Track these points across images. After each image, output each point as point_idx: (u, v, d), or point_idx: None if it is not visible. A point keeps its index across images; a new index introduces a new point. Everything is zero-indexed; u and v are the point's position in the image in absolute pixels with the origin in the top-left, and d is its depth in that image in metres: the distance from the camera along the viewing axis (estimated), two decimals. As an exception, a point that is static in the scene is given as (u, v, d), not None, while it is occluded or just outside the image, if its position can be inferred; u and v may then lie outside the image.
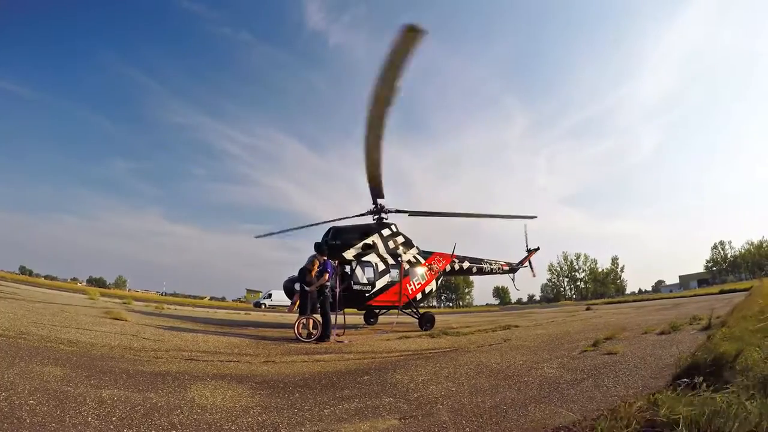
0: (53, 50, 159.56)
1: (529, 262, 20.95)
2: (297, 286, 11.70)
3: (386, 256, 14.76)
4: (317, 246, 13.96)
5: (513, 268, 20.13)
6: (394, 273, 14.59)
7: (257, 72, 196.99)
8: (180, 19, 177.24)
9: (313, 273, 10.17)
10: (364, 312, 17.01)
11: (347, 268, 13.61)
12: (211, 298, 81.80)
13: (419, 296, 15.59)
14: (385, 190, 14.68)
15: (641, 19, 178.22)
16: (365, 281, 13.84)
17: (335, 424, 3.41)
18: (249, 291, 75.19)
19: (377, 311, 16.83)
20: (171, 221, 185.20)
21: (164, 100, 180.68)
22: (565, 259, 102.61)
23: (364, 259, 14.07)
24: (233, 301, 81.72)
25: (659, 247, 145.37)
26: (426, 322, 14.81)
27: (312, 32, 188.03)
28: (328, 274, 10.06)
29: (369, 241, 14.55)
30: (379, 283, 14.20)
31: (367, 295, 13.95)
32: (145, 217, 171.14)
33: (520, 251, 21.36)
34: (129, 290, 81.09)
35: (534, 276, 21.39)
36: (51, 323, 8.31)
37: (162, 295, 78.50)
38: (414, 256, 15.86)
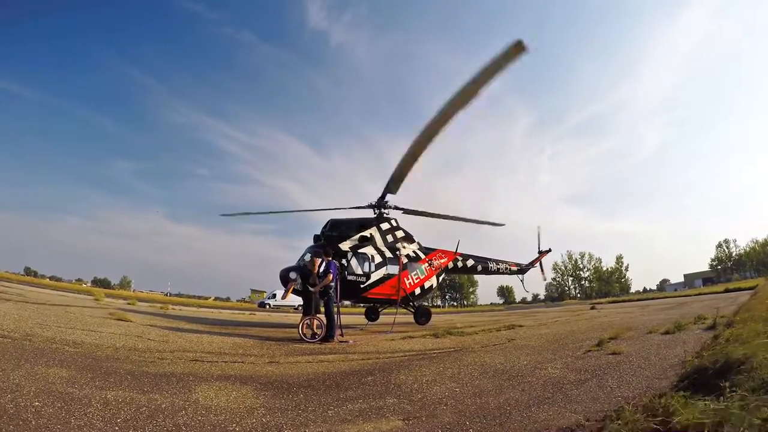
0: (54, 51, 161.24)
1: (540, 264, 20.92)
2: (292, 275, 11.76)
3: (383, 249, 14.73)
4: (316, 238, 14.00)
5: (522, 269, 20.05)
6: (392, 266, 14.58)
7: (259, 72, 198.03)
8: (181, 19, 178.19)
9: (315, 270, 10.18)
10: (364, 310, 17.00)
11: (342, 260, 13.59)
12: (216, 299, 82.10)
13: (418, 291, 15.54)
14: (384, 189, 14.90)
15: (643, 17, 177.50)
16: (360, 272, 13.80)
17: (339, 425, 3.41)
18: (253, 291, 75.23)
19: (377, 306, 16.80)
20: (174, 221, 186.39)
21: (166, 100, 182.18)
22: (570, 258, 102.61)
23: (360, 251, 14.05)
24: (238, 301, 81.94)
25: (664, 246, 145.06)
26: (421, 315, 14.81)
27: (313, 32, 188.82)
28: (332, 275, 10.06)
29: (366, 233, 14.55)
30: (375, 276, 14.18)
31: (361, 286, 13.91)
32: (149, 217, 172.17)
33: (529, 252, 21.34)
34: (134, 291, 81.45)
35: (545, 280, 21.50)
36: (56, 324, 8.37)
37: (167, 295, 78.81)
38: (414, 251, 15.81)
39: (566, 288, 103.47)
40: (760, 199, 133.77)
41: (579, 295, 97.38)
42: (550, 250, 21.37)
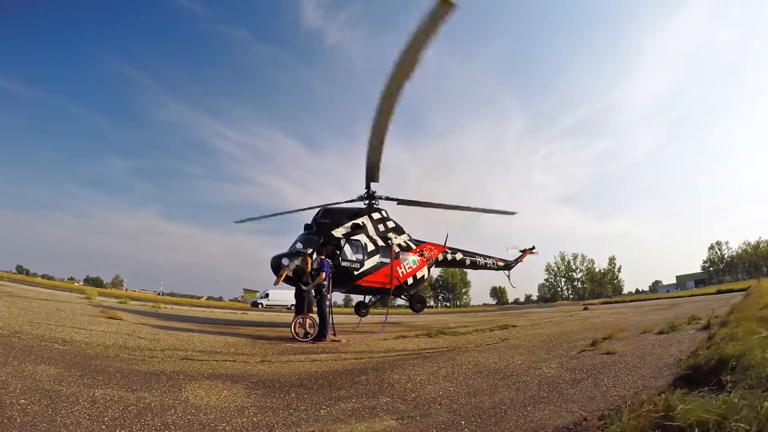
0: (49, 48, 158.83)
1: (522, 261, 21.32)
2: (284, 261, 11.67)
3: (376, 238, 14.74)
4: (307, 226, 13.91)
5: (508, 265, 20.41)
6: (384, 255, 14.58)
7: (254, 70, 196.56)
8: (177, 17, 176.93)
9: (308, 269, 10.12)
10: (354, 306, 16.96)
11: (335, 248, 13.54)
12: (209, 298, 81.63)
13: (410, 281, 15.55)
14: (379, 184, 14.93)
15: (639, 17, 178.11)
16: (354, 259, 13.73)
17: (331, 425, 3.36)
18: (246, 290, 74.88)
19: (367, 299, 16.77)
20: (169, 220, 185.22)
21: (161, 98, 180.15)
22: (563, 259, 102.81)
23: (353, 238, 14.01)
24: (230, 300, 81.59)
25: (656, 248, 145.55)
26: (417, 302, 14.83)
27: (308, 30, 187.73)
28: (324, 273, 10.00)
29: (359, 221, 14.50)
30: (369, 263, 14.11)
31: (355, 273, 13.80)
32: (143, 216, 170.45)
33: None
34: (126, 290, 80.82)
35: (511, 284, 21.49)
36: (46, 322, 8.25)
37: (159, 294, 78.21)
38: (405, 242, 15.86)
39: (559, 289, 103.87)
40: (753, 201, 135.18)
41: (571, 296, 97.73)
42: (534, 248, 21.80)
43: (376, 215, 15.44)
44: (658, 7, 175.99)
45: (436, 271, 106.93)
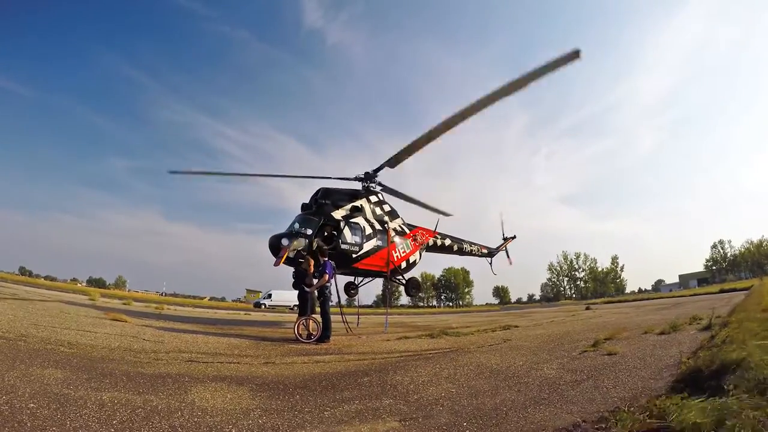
0: (49, 48, 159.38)
1: (506, 250, 22.19)
2: (284, 242, 11.66)
3: (373, 221, 14.81)
4: (304, 206, 13.96)
5: (491, 253, 21.02)
6: (381, 239, 14.67)
7: (255, 70, 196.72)
8: (177, 17, 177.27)
9: (310, 271, 10.16)
10: (344, 286, 17.02)
11: (334, 230, 13.61)
12: (211, 299, 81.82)
13: (404, 265, 15.74)
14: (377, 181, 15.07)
15: (639, 17, 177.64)
16: (353, 242, 13.77)
17: (335, 427, 3.41)
18: (249, 291, 75.01)
19: (358, 280, 16.82)
20: (170, 220, 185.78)
21: (161, 98, 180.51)
22: (565, 258, 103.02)
23: (352, 221, 14.03)
24: (233, 301, 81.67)
25: (659, 247, 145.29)
26: (412, 287, 14.89)
27: (309, 30, 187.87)
28: (328, 275, 10.04)
29: (358, 204, 14.53)
30: (367, 246, 14.17)
31: (354, 256, 13.83)
32: (143, 216, 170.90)
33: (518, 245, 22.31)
34: (129, 291, 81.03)
35: (510, 264, 22.40)
36: (51, 325, 8.31)
37: (162, 295, 78.33)
38: (399, 226, 16.00)
39: (562, 288, 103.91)
40: (756, 200, 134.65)
41: (574, 296, 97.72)
42: (514, 237, 22.66)
43: (373, 198, 15.50)
44: (658, 7, 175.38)
45: (438, 270, 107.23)
